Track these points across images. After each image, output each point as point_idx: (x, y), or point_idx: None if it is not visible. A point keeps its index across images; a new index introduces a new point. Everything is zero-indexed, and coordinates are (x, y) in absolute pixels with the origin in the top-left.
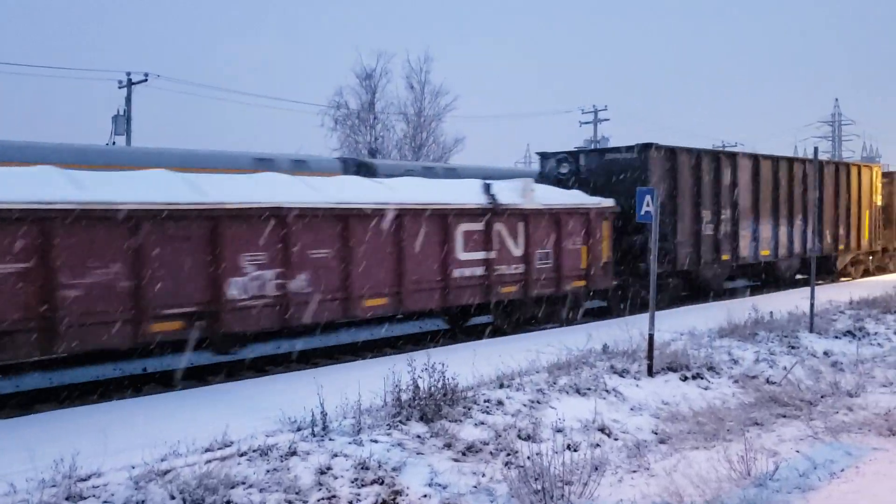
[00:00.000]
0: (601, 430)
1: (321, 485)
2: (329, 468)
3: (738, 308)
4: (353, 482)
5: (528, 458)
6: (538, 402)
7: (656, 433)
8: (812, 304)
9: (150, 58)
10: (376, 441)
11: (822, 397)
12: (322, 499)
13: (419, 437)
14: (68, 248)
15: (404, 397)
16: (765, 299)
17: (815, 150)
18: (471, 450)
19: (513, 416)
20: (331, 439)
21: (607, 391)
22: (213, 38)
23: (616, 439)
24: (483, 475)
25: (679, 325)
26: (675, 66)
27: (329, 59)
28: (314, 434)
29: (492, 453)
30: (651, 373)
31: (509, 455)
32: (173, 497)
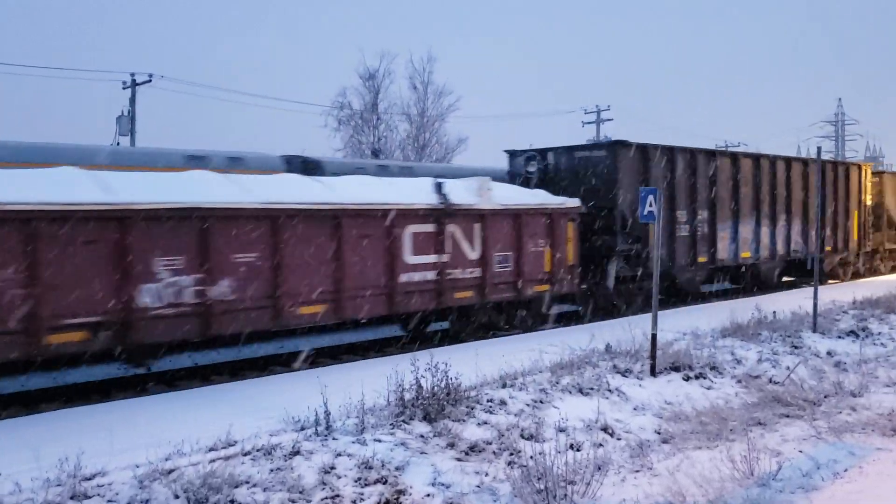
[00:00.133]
0: (604, 429)
1: (325, 484)
2: (332, 467)
3: (741, 308)
4: (356, 481)
5: (531, 457)
6: (541, 402)
7: (659, 433)
8: (815, 304)
9: (150, 58)
10: (380, 440)
11: (826, 397)
12: (325, 498)
13: (422, 436)
14: None
15: (407, 397)
16: (768, 299)
17: (819, 149)
18: (474, 449)
19: (516, 415)
20: (334, 439)
21: (610, 391)
22: (213, 38)
23: (619, 439)
24: (486, 475)
25: (682, 324)
26: (678, 65)
27: (330, 59)
28: (318, 433)
29: (495, 453)
30: (654, 372)
31: (512, 455)
32: (177, 496)
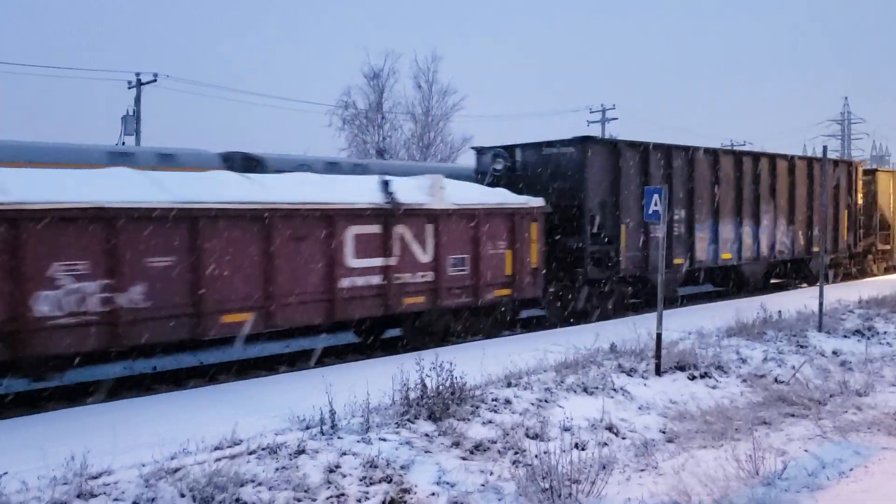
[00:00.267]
0: (609, 428)
1: (330, 483)
2: (338, 466)
3: (747, 307)
4: (361, 480)
5: (536, 456)
6: (546, 401)
7: (664, 432)
8: (821, 304)
9: (151, 58)
10: (384, 439)
11: (831, 396)
12: (331, 497)
13: (427, 435)
14: None
15: (412, 396)
16: (772, 299)
17: (825, 148)
18: (479, 448)
19: (520, 414)
20: (339, 437)
21: (615, 390)
22: (215, 37)
23: (624, 438)
24: (491, 473)
25: (687, 324)
26: (682, 65)
27: (331, 59)
28: (323, 432)
29: (500, 452)
30: (659, 372)
31: (517, 454)
32: (183, 495)
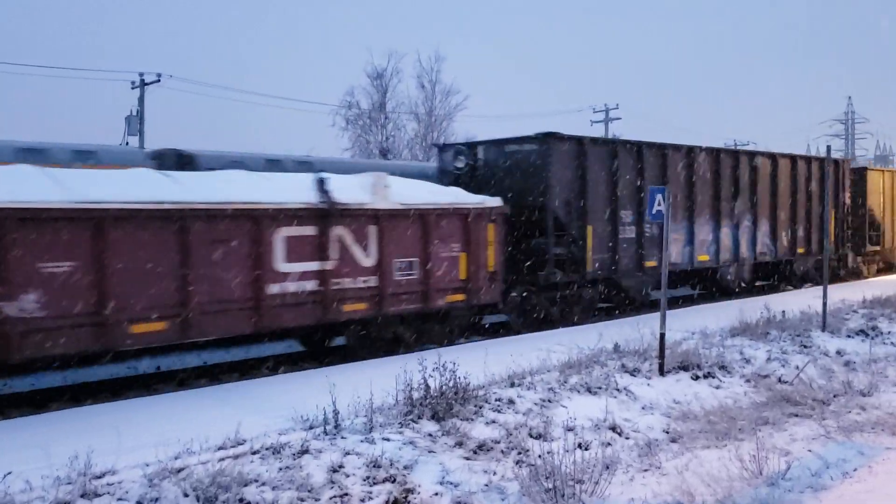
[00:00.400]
0: (612, 428)
1: (333, 483)
2: (341, 466)
3: (750, 307)
4: (364, 480)
5: (540, 456)
6: (549, 401)
7: (668, 432)
8: (825, 304)
9: (154, 59)
10: (388, 439)
11: (835, 396)
12: (334, 497)
13: (430, 435)
14: None
15: (416, 396)
16: (776, 298)
17: (829, 148)
18: (482, 448)
19: (524, 414)
20: (343, 437)
21: (618, 390)
22: (216, 38)
23: (627, 438)
24: (494, 473)
25: (690, 324)
26: (685, 65)
27: (334, 60)
28: (326, 432)
29: (503, 452)
30: (662, 372)
31: (520, 453)
32: (187, 494)
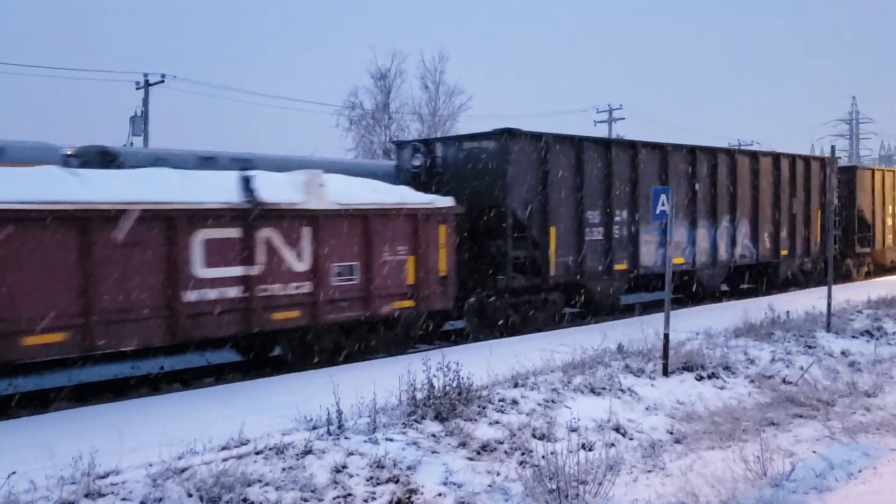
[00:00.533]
0: (616, 429)
1: (337, 483)
2: (345, 466)
3: (755, 308)
4: (368, 480)
5: (543, 457)
6: (553, 402)
7: (671, 433)
8: (829, 304)
9: (159, 60)
10: (391, 440)
11: (840, 397)
12: (337, 497)
13: (434, 435)
14: None
15: (419, 396)
16: (780, 299)
17: (833, 148)
18: (485, 449)
19: (527, 415)
20: (346, 438)
21: (622, 390)
22: (219, 39)
23: (631, 439)
24: (498, 474)
25: (694, 324)
26: (690, 65)
27: (337, 60)
28: (330, 432)
29: (506, 452)
30: (666, 372)
31: (524, 454)
32: (190, 495)
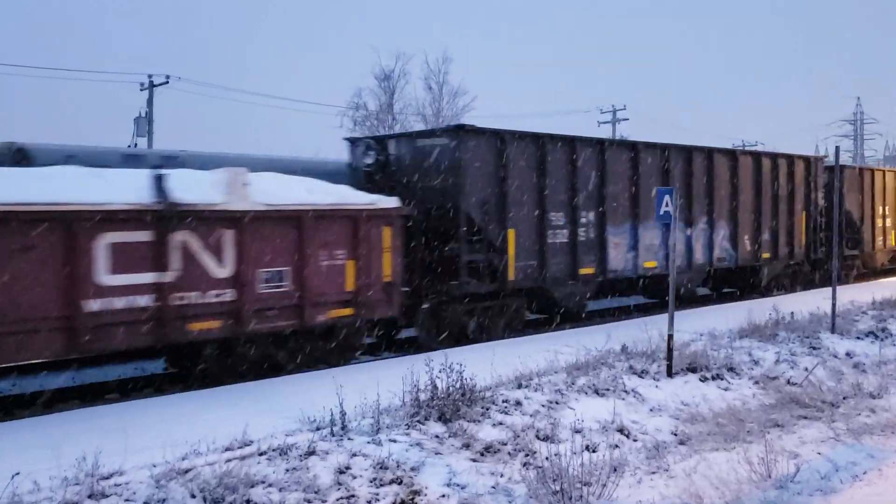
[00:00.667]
0: (620, 430)
1: (340, 484)
2: (348, 468)
3: (759, 309)
4: (371, 482)
5: (547, 458)
6: (556, 403)
7: (676, 434)
8: (834, 305)
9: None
10: (395, 441)
11: (844, 399)
12: (341, 498)
13: (437, 436)
14: None
15: (423, 397)
16: (785, 300)
17: (837, 149)
18: (489, 450)
19: (531, 416)
20: (350, 439)
21: (626, 392)
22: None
23: (635, 440)
24: (501, 475)
25: (699, 325)
26: (694, 66)
27: (337, 61)
28: (333, 434)
29: (510, 454)
30: (670, 373)
31: (528, 455)
32: (194, 496)
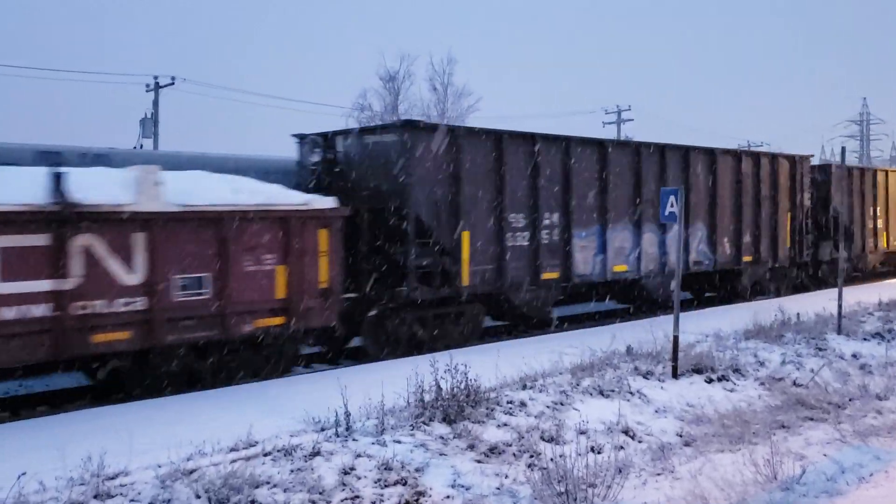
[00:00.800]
0: (625, 432)
1: (344, 485)
2: (352, 468)
3: (765, 310)
4: (376, 483)
5: (552, 459)
6: (561, 404)
7: (681, 436)
8: (840, 306)
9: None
10: (399, 442)
11: (851, 400)
12: (345, 499)
13: (442, 437)
14: None
15: (427, 398)
16: (791, 301)
17: (843, 149)
18: (494, 451)
19: (536, 417)
20: (354, 440)
21: (631, 393)
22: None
23: (640, 441)
24: (506, 477)
25: (704, 326)
26: (699, 66)
27: (342, 62)
28: (338, 434)
29: (515, 455)
30: (676, 375)
31: (532, 457)
32: (199, 496)
